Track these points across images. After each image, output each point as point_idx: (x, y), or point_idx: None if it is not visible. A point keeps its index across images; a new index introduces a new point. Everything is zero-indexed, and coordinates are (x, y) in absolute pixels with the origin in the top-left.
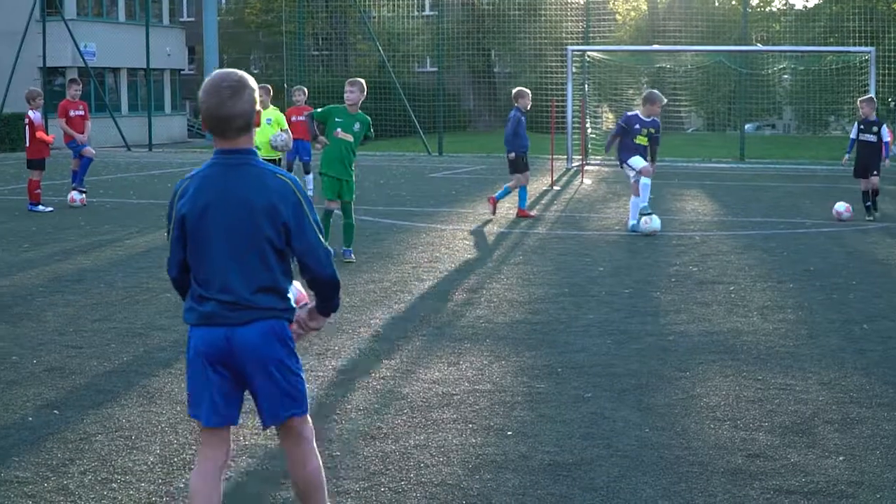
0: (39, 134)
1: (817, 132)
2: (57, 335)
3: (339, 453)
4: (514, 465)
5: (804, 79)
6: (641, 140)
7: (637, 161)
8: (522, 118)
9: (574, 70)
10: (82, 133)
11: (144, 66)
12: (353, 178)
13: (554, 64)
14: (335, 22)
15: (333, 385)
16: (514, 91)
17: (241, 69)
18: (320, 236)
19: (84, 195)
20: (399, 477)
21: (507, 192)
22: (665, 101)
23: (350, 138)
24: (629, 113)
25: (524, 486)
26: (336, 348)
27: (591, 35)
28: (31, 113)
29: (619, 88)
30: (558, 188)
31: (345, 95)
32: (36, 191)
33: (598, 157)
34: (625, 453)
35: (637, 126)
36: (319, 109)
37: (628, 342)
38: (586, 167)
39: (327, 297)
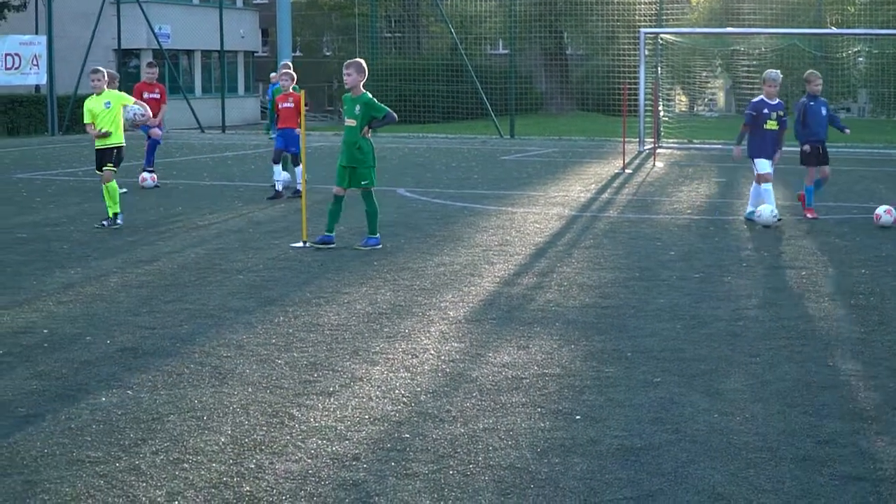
0: None
1: (892, 116)
2: (130, 316)
3: (407, 436)
4: (582, 450)
5: (879, 62)
6: (771, 125)
7: (763, 165)
8: (810, 104)
9: (647, 53)
10: (154, 116)
11: (218, 49)
12: (367, 164)
13: (626, 46)
14: (408, 4)
15: (403, 367)
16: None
17: (314, 51)
18: None
19: (154, 175)
20: (468, 460)
21: (812, 192)
22: (778, 78)
23: (353, 123)
24: (754, 100)
25: (592, 471)
26: (406, 331)
27: (665, 17)
28: None
29: (692, 71)
30: (630, 171)
31: None
32: None
33: (671, 140)
34: (693, 438)
35: (766, 111)
36: None
37: (698, 327)
38: (658, 150)
39: None
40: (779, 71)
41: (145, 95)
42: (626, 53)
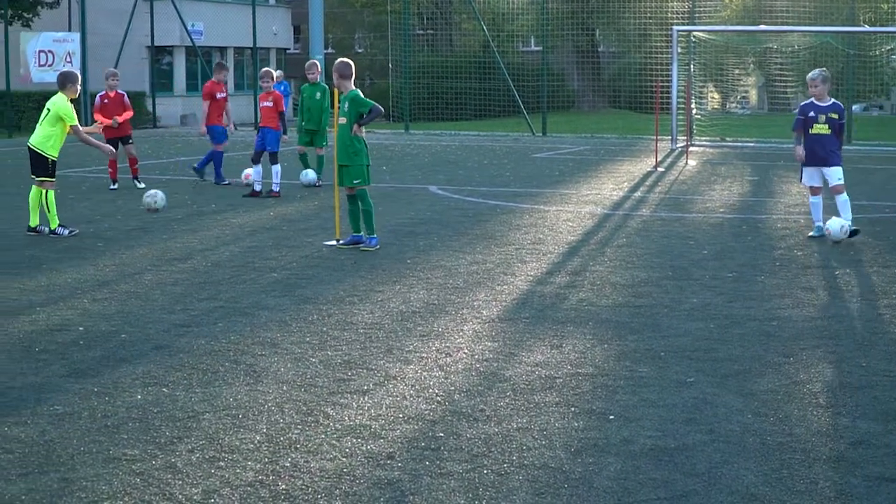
0: (96, 116)
1: None
2: (165, 313)
3: (442, 435)
4: (616, 450)
5: None
6: (820, 129)
7: (806, 175)
8: None
9: (679, 50)
10: (224, 114)
11: (251, 46)
12: (360, 162)
13: (659, 44)
14: (440, 1)
15: (436, 367)
16: None
17: (345, 48)
18: None
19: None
20: (502, 459)
21: None
22: (818, 77)
23: (344, 121)
24: (804, 102)
25: (626, 471)
26: (439, 330)
27: (697, 14)
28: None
29: (724, 69)
30: (662, 169)
31: None
32: (111, 169)
33: (703, 138)
34: (727, 439)
35: (812, 113)
36: None
37: (731, 327)
38: (691, 148)
39: None
40: (822, 69)
41: (217, 95)
42: (659, 51)
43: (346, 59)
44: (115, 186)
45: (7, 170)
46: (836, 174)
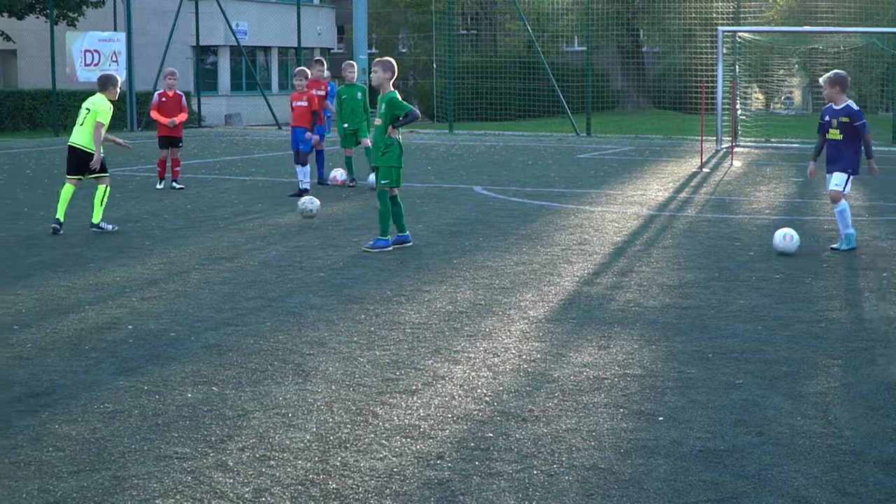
0: (153, 114)
1: None
2: (213, 312)
3: (491, 435)
4: (665, 451)
5: None
6: (833, 134)
7: (832, 179)
8: None
9: (724, 51)
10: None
11: (295, 45)
12: (389, 163)
13: (703, 44)
14: (484, 1)
15: (484, 367)
16: None
17: (389, 48)
18: None
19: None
20: (551, 460)
21: None
22: (825, 80)
23: (379, 122)
24: (826, 106)
25: (675, 472)
26: (486, 330)
27: (742, 15)
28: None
29: (769, 69)
30: (707, 170)
31: None
32: (159, 168)
33: (748, 139)
34: (777, 441)
35: (827, 118)
36: None
37: (779, 328)
38: (735, 149)
39: None
40: (834, 71)
41: (314, 92)
42: (703, 51)
43: (388, 58)
44: (161, 186)
45: (53, 168)
46: (833, 180)
